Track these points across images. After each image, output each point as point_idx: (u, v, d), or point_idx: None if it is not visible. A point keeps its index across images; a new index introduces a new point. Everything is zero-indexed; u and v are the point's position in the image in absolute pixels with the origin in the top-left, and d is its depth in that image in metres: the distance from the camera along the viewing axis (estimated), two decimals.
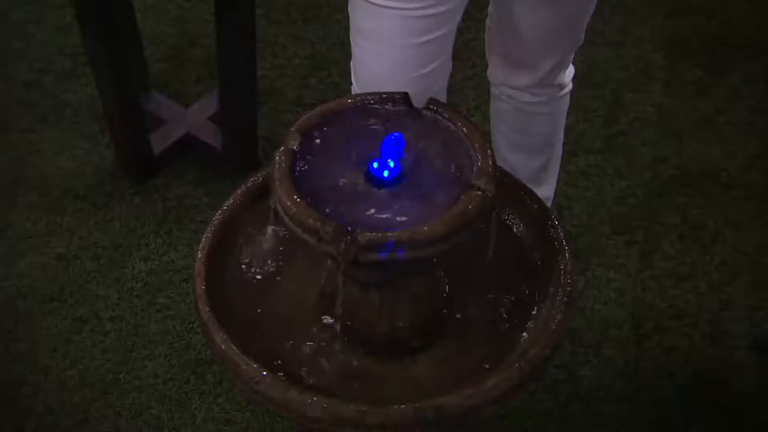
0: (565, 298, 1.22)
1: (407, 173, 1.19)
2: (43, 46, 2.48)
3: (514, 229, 1.34)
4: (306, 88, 2.40)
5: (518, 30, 1.60)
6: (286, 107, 2.35)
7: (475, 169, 1.18)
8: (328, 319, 1.29)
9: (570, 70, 1.74)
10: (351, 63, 1.58)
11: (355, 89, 1.58)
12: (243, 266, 1.34)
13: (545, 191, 1.92)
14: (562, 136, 1.88)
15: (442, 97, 1.64)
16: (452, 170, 1.20)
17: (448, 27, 1.52)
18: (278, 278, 1.34)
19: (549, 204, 1.96)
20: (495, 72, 1.75)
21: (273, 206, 1.18)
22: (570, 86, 1.76)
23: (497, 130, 1.85)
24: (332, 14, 2.57)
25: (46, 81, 2.40)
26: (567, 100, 1.79)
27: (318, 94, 2.38)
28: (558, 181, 1.95)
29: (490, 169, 1.17)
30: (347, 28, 2.51)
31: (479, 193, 1.14)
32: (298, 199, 1.14)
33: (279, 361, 1.25)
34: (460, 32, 1.55)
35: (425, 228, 1.11)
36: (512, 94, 1.74)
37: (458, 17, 1.53)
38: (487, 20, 1.67)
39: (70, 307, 1.97)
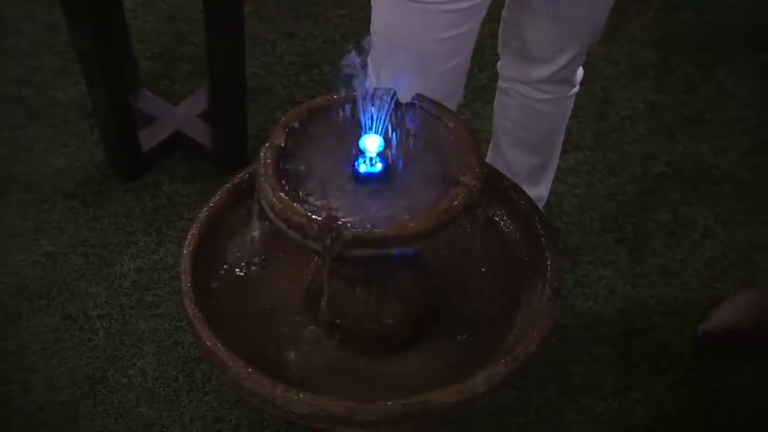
0: (552, 294, 1.22)
1: (393, 169, 1.19)
2: (33, 43, 2.47)
3: (502, 225, 1.34)
4: (296, 86, 2.40)
5: (537, 24, 1.60)
6: (276, 105, 2.35)
7: (461, 164, 1.18)
8: (315, 316, 1.28)
9: (580, 71, 1.74)
10: (369, 57, 1.57)
11: (373, 84, 1.57)
12: (230, 263, 1.34)
13: (541, 191, 1.92)
14: (562, 137, 1.88)
15: (461, 93, 1.64)
16: (439, 166, 1.20)
17: (473, 22, 1.53)
18: (265, 275, 1.34)
19: (542, 204, 1.96)
20: (507, 66, 1.74)
21: (258, 203, 1.18)
22: (578, 87, 1.76)
23: (500, 125, 1.85)
24: (323, 11, 2.57)
25: (36, 78, 2.39)
26: (573, 102, 1.79)
27: (308, 92, 2.37)
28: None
29: (476, 165, 1.17)
30: (338, 26, 2.55)
31: (465, 188, 1.14)
32: (284, 196, 1.14)
33: (266, 358, 1.25)
34: None
35: (411, 223, 1.11)
36: (522, 90, 1.73)
37: (483, 12, 1.53)
38: (504, 12, 1.66)
39: (59, 305, 1.97)
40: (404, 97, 1.26)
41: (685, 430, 1.83)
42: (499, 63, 1.77)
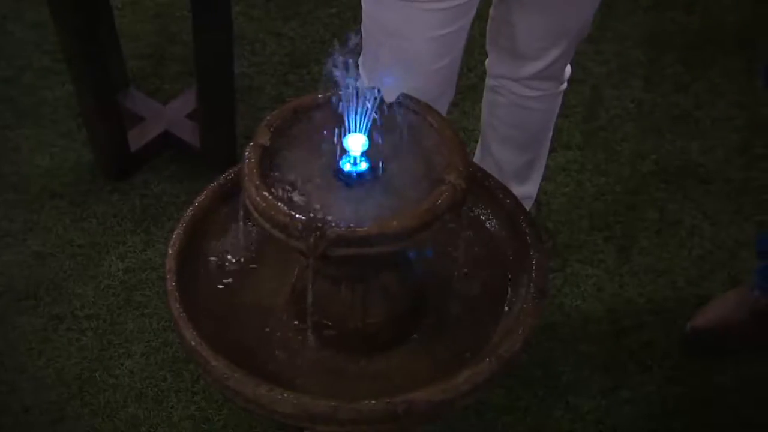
0: (537, 293, 1.22)
1: (378, 168, 1.19)
2: (20, 43, 2.46)
3: (487, 224, 1.34)
4: (285, 86, 2.40)
5: (526, 20, 1.60)
6: (265, 105, 2.34)
7: (445, 163, 1.18)
8: (300, 315, 1.28)
9: (569, 67, 1.74)
10: (361, 57, 1.57)
11: (365, 84, 1.57)
12: (215, 263, 1.33)
13: (529, 189, 1.92)
14: (551, 135, 1.88)
15: (452, 92, 1.65)
16: (423, 165, 1.20)
17: (463, 21, 1.53)
18: (250, 274, 1.33)
19: (531, 203, 1.96)
20: (496, 63, 1.74)
21: (243, 202, 1.18)
22: (566, 84, 1.77)
23: (488, 123, 1.85)
24: (312, 11, 2.57)
25: (24, 78, 2.39)
26: (560, 99, 1.79)
27: (297, 92, 2.37)
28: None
29: (460, 164, 1.17)
30: (327, 25, 2.54)
31: (450, 187, 1.14)
32: (268, 195, 1.14)
33: (251, 357, 1.24)
34: None
35: (395, 222, 1.11)
36: (511, 87, 1.73)
37: (473, 11, 1.54)
38: (491, 10, 1.66)
39: (47, 305, 1.96)
40: (390, 97, 1.26)
41: (673, 428, 1.84)
42: (487, 60, 1.77)
